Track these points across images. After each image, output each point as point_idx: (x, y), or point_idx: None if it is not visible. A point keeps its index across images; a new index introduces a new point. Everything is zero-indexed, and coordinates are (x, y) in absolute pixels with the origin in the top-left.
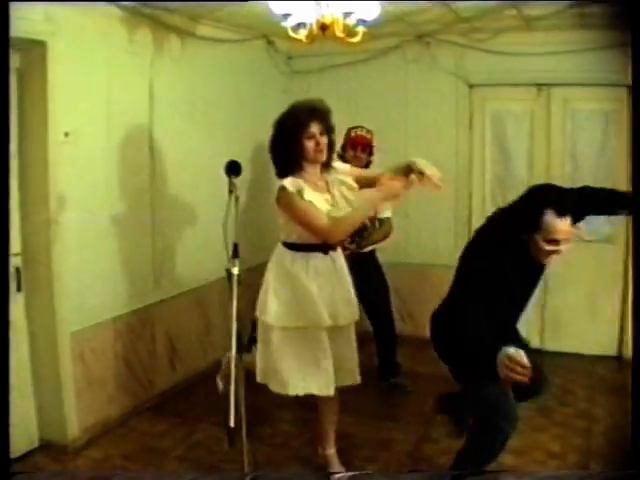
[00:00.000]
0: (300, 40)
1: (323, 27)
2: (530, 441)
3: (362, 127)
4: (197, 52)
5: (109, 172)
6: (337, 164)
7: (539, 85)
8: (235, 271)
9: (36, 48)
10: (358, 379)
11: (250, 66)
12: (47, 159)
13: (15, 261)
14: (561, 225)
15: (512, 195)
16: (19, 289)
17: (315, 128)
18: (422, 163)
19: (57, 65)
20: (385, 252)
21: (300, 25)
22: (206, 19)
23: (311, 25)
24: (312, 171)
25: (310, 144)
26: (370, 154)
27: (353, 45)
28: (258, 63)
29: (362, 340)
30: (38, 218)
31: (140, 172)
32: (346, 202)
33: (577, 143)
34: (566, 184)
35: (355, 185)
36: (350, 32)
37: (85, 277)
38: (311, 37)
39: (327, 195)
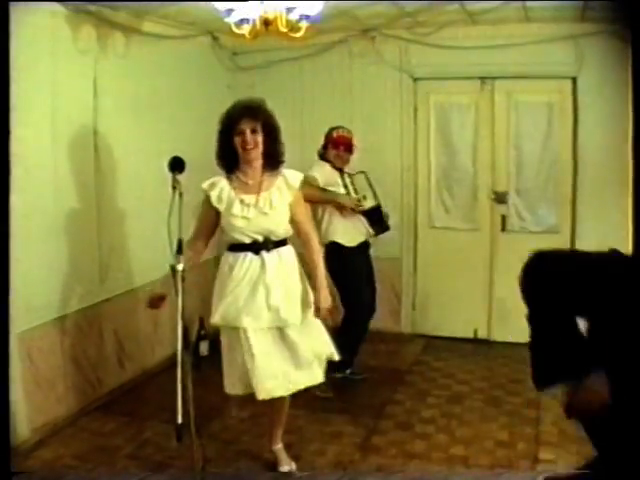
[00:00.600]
0: (243, 36)
1: (266, 22)
2: (479, 431)
3: (342, 127)
4: (142, 49)
5: (54, 170)
6: (290, 174)
7: (483, 78)
8: (179, 267)
9: None
10: (317, 378)
11: (195, 62)
12: None
13: None
14: None
15: (457, 186)
16: None
17: (245, 125)
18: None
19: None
20: None
21: (243, 21)
22: (151, 16)
23: (254, 21)
24: (249, 171)
25: (238, 140)
26: (351, 153)
27: (297, 40)
28: (203, 59)
29: None
30: None
31: (85, 170)
32: (270, 207)
33: (521, 135)
34: (511, 175)
35: (289, 199)
36: (293, 27)
37: (31, 276)
38: (254, 33)
39: (252, 196)
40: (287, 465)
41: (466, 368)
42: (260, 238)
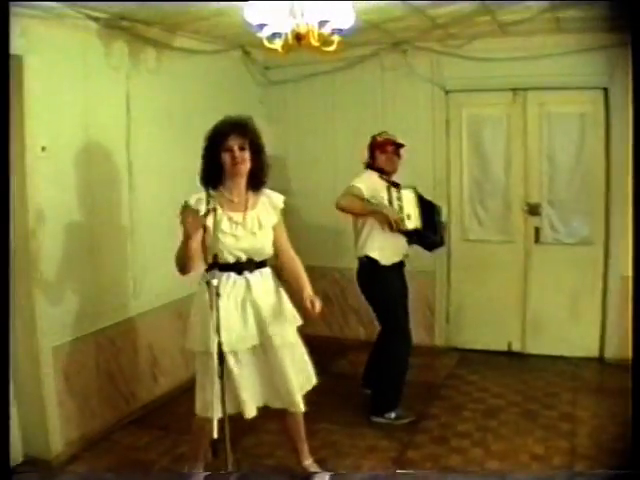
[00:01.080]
0: (276, 50)
1: (298, 37)
2: (515, 445)
3: (385, 132)
4: (174, 64)
5: (87, 185)
6: (274, 195)
7: (515, 90)
8: (214, 282)
9: (11, 62)
10: (296, 405)
11: (227, 77)
12: (24, 173)
13: None
14: None
15: (490, 198)
16: None
17: (234, 142)
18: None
19: (33, 79)
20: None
21: (275, 35)
22: (183, 30)
23: (286, 35)
24: (233, 187)
25: (226, 157)
26: (399, 156)
27: (329, 54)
28: (235, 74)
29: (345, 348)
30: (16, 232)
31: (118, 185)
32: (259, 227)
33: (554, 146)
34: (544, 187)
35: (274, 220)
36: (326, 41)
37: (65, 291)
38: (287, 47)
39: (239, 214)
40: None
41: (501, 381)
42: (244, 257)
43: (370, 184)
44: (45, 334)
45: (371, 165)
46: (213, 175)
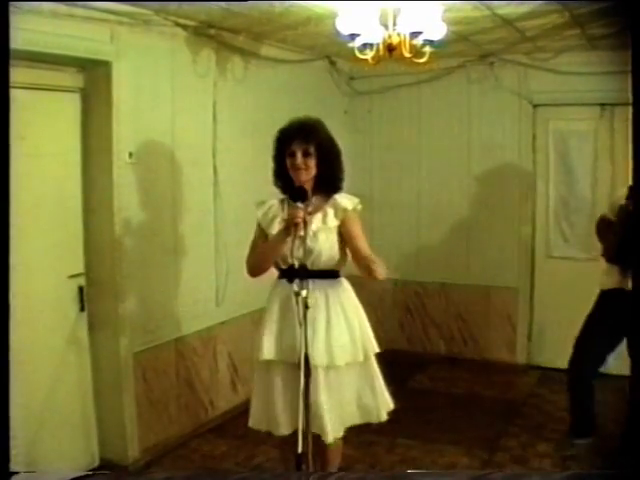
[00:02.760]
0: (365, 61)
1: (390, 48)
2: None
3: None
4: (260, 72)
5: (173, 193)
6: (342, 197)
7: (602, 105)
8: (303, 293)
9: (101, 68)
10: (325, 434)
11: (312, 86)
12: (112, 179)
13: (79, 281)
14: None
15: (575, 215)
16: (82, 309)
17: (297, 147)
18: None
19: (121, 85)
20: (448, 273)
21: (367, 46)
22: (269, 39)
23: (377, 46)
24: None
25: (289, 162)
26: None
27: (418, 65)
28: (320, 83)
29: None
30: (102, 239)
31: (204, 193)
32: (316, 229)
33: None
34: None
35: (335, 224)
36: (417, 52)
37: (148, 298)
38: (377, 58)
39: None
40: None
41: None
42: (296, 264)
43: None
44: (127, 340)
45: None
46: (282, 180)
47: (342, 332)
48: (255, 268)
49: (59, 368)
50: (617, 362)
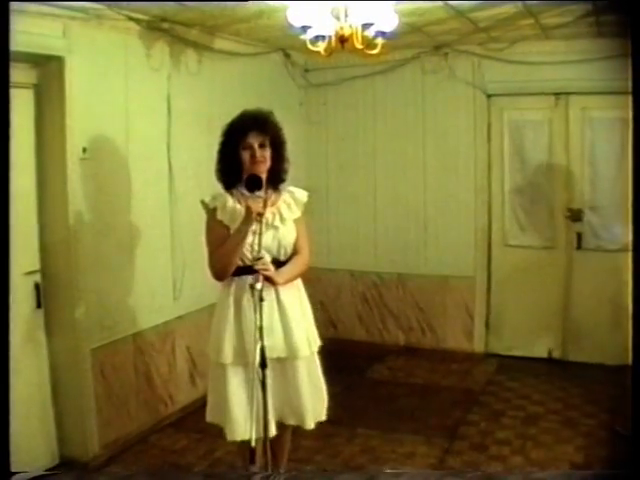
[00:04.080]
0: (318, 53)
1: (342, 39)
2: (555, 453)
3: None
4: (214, 66)
5: (128, 187)
6: (297, 190)
7: (557, 94)
8: (258, 286)
9: (53, 64)
10: (306, 423)
11: (267, 79)
12: (66, 175)
13: (35, 278)
14: None
15: (531, 203)
16: (39, 305)
17: (254, 139)
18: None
19: (74, 80)
20: (405, 264)
21: (319, 38)
22: (223, 33)
23: (330, 38)
24: None
25: (246, 155)
26: None
27: (371, 57)
28: (275, 76)
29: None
30: (57, 235)
31: (159, 188)
32: (280, 220)
33: (596, 151)
34: (586, 192)
35: (297, 215)
36: (369, 44)
37: (105, 293)
38: (330, 49)
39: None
40: None
41: (540, 389)
42: (267, 257)
43: None
44: (84, 336)
45: None
46: (231, 172)
47: (311, 320)
48: (223, 268)
49: (16, 365)
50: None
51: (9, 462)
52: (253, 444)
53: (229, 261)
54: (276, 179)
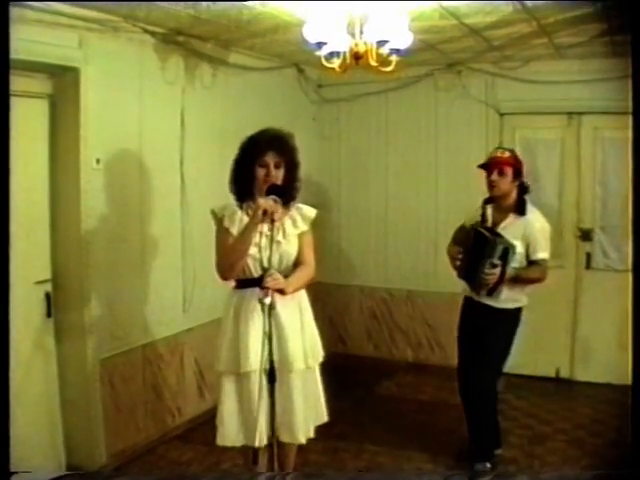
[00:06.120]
0: (332, 69)
1: (357, 56)
2: (562, 473)
3: (499, 147)
4: (228, 80)
5: (140, 199)
6: (305, 207)
7: (570, 113)
8: (267, 301)
9: (69, 74)
10: (296, 439)
11: (280, 94)
12: (79, 185)
13: (45, 287)
14: None
15: None
16: (49, 315)
17: (270, 159)
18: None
19: (89, 92)
20: (414, 280)
21: (333, 54)
22: (238, 47)
23: (344, 54)
24: None
25: (261, 172)
26: (515, 178)
27: (385, 74)
28: (288, 91)
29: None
30: (69, 245)
31: (171, 200)
32: (283, 236)
33: (608, 171)
34: (597, 212)
35: (303, 230)
36: (383, 61)
37: (115, 304)
38: (344, 66)
39: (264, 225)
40: None
41: (548, 408)
42: (272, 268)
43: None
44: (94, 346)
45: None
46: (244, 186)
47: (312, 335)
48: (227, 267)
49: (26, 375)
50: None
51: (9, 462)
52: (257, 444)
53: (233, 262)
54: (287, 197)
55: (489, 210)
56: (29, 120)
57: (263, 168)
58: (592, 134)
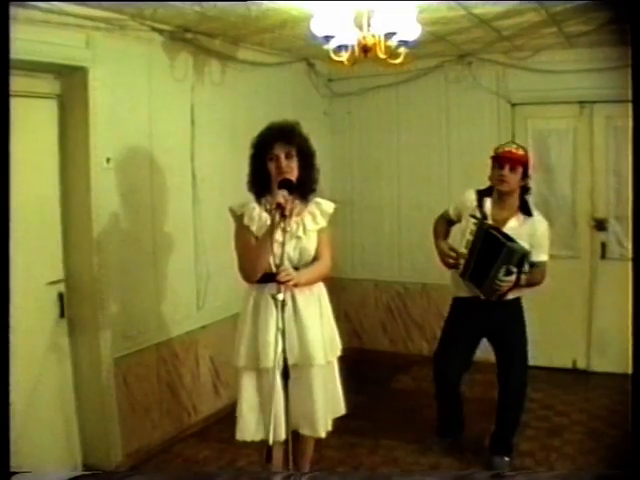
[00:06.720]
0: (342, 62)
1: (365, 49)
2: (579, 464)
3: (513, 142)
4: (238, 76)
5: (152, 198)
6: (324, 201)
7: (581, 102)
8: (280, 297)
9: (77, 74)
10: (317, 432)
11: (291, 89)
12: (90, 185)
13: (58, 287)
14: None
15: (556, 213)
16: (62, 315)
17: (279, 150)
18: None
19: (98, 91)
20: (429, 273)
21: (342, 47)
22: (246, 43)
23: (353, 47)
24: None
25: (272, 166)
26: (524, 175)
27: (394, 66)
28: (299, 86)
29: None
30: (81, 244)
31: (183, 198)
32: (303, 231)
33: (621, 160)
34: (611, 202)
35: (322, 225)
36: (392, 53)
37: (128, 303)
38: (353, 59)
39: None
40: None
41: (565, 399)
42: (288, 265)
43: (461, 200)
44: (108, 345)
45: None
46: (260, 183)
47: (332, 330)
48: (252, 269)
49: (40, 375)
50: None
51: (9, 462)
52: (270, 442)
53: (257, 262)
54: (305, 188)
55: (488, 204)
56: (38, 121)
57: (274, 161)
58: (604, 123)
